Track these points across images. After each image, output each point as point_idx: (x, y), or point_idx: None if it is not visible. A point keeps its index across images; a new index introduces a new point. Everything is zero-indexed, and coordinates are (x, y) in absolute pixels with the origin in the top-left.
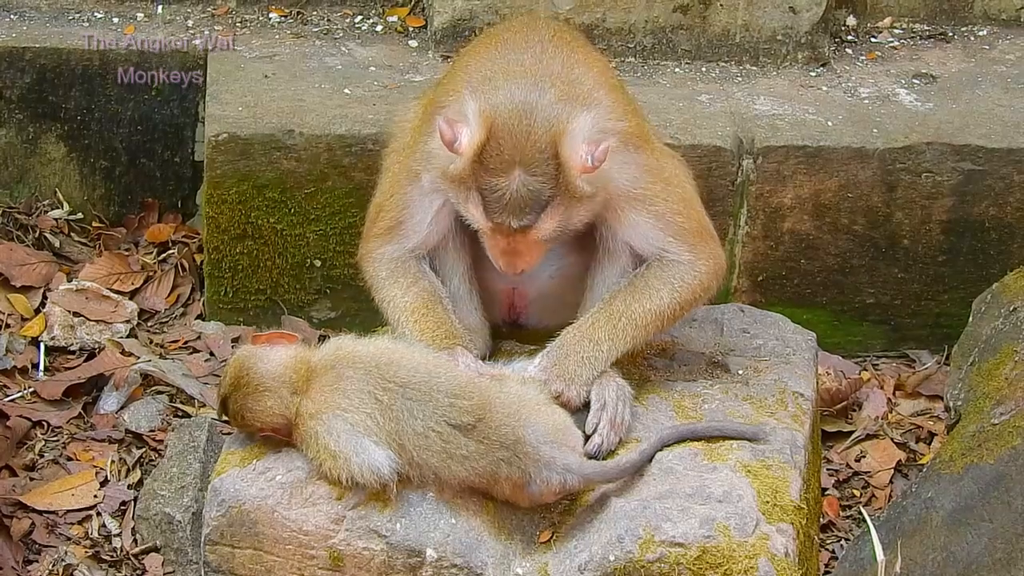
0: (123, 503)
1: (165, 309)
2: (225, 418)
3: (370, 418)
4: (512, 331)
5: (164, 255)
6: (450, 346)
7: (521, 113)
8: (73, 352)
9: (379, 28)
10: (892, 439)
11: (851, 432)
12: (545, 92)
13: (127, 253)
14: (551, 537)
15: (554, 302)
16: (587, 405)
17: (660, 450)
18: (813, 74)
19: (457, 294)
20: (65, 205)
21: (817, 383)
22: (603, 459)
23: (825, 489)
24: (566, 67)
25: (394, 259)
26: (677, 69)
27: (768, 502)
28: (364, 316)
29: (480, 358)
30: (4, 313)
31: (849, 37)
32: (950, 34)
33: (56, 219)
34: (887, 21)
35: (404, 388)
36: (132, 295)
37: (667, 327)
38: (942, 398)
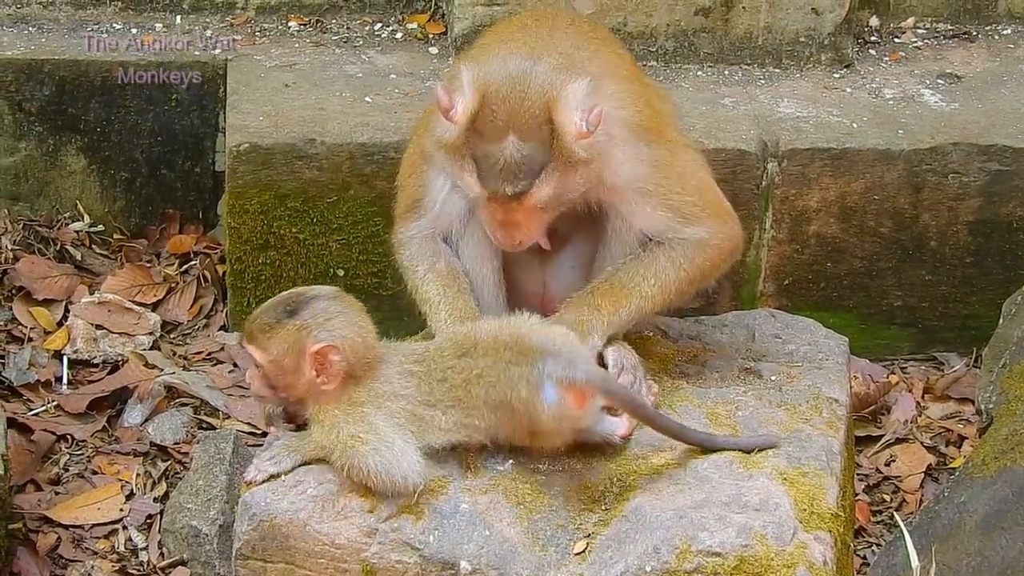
0: (149, 516)
1: (188, 321)
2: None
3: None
4: None
5: (186, 266)
6: None
7: (515, 80)
8: (96, 365)
9: (399, 35)
10: (922, 443)
11: (880, 436)
12: (541, 62)
13: (149, 265)
14: (586, 548)
15: None
16: None
17: (670, 435)
18: (837, 75)
19: (484, 300)
20: (86, 217)
21: (851, 388)
22: None
23: (855, 494)
24: (572, 48)
25: (414, 242)
26: (699, 72)
27: (805, 510)
28: (388, 325)
29: None
30: (27, 327)
31: (872, 38)
32: (974, 33)
33: (77, 231)
34: (910, 21)
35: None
36: (154, 307)
37: (673, 302)
38: (972, 401)
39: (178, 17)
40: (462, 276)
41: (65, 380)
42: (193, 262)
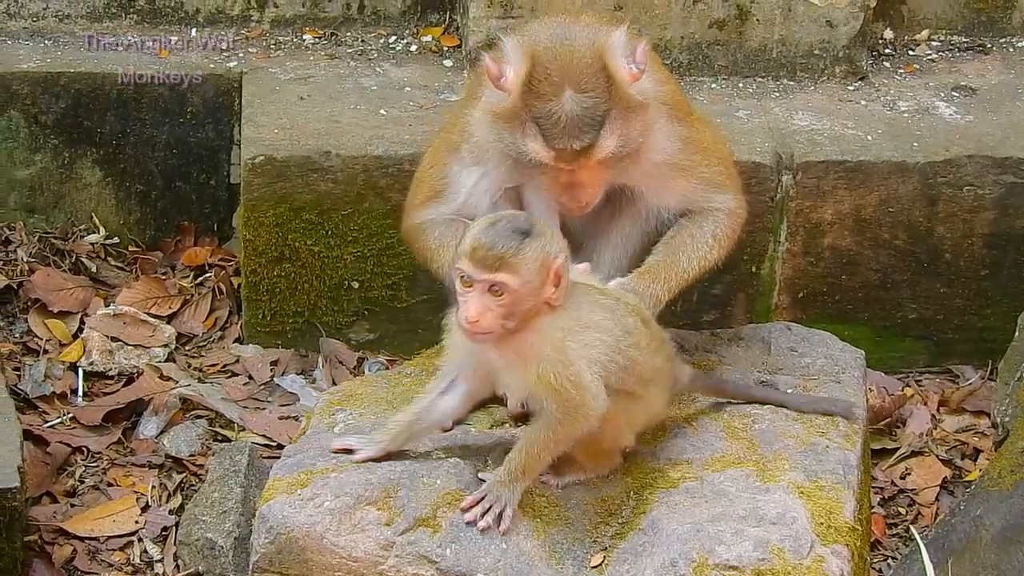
0: (164, 528)
1: (203, 333)
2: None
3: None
4: None
5: (201, 278)
6: None
7: (561, 38)
8: (112, 377)
9: (413, 48)
10: (937, 456)
11: (895, 449)
12: (580, 23)
13: (164, 277)
14: (602, 561)
15: None
16: None
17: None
18: (851, 88)
19: None
20: (101, 230)
21: (867, 401)
22: None
23: (871, 507)
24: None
25: (436, 223)
26: (714, 85)
27: (822, 523)
28: (403, 338)
29: None
30: (42, 339)
31: (887, 50)
32: (988, 46)
33: (93, 244)
34: (924, 34)
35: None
36: (170, 319)
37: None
38: (987, 414)
39: (193, 30)
40: None
41: (80, 392)
42: (208, 274)
